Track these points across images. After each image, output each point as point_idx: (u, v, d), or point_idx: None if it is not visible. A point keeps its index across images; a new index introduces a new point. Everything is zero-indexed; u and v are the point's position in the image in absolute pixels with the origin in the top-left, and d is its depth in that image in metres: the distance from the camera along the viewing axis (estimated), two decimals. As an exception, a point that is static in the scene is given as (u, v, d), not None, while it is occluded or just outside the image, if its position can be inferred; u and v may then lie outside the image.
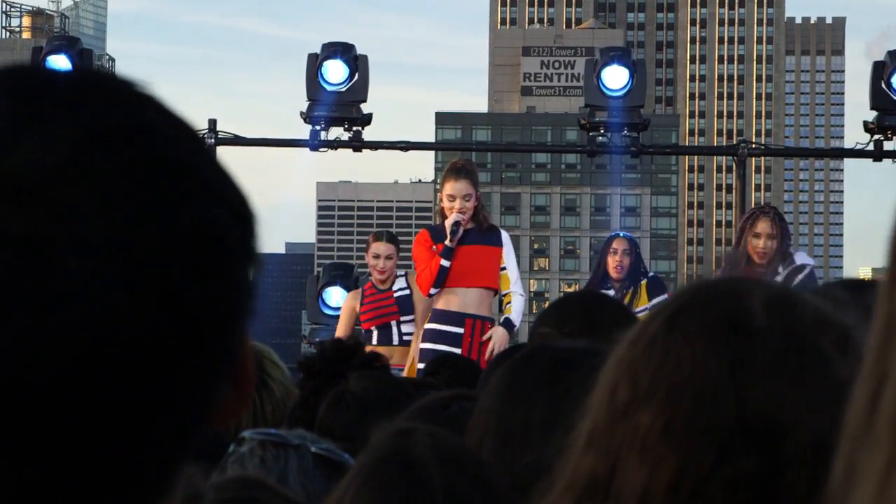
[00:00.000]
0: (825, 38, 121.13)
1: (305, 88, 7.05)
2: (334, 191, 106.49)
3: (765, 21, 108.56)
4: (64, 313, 0.39)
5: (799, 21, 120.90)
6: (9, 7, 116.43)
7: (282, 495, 0.97)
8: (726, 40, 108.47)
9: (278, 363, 1.85)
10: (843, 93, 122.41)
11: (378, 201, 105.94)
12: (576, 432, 0.73)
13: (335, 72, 6.98)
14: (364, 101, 7.04)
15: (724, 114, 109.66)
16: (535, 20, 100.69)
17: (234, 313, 0.43)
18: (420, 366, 4.28)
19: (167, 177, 0.41)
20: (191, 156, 0.43)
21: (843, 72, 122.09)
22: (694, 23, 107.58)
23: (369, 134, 7.18)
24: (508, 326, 4.52)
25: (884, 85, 6.83)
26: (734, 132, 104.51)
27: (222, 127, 7.12)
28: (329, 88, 6.99)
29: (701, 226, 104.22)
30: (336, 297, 6.83)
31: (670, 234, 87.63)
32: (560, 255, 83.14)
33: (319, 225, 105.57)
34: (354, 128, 7.09)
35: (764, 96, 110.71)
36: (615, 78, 6.92)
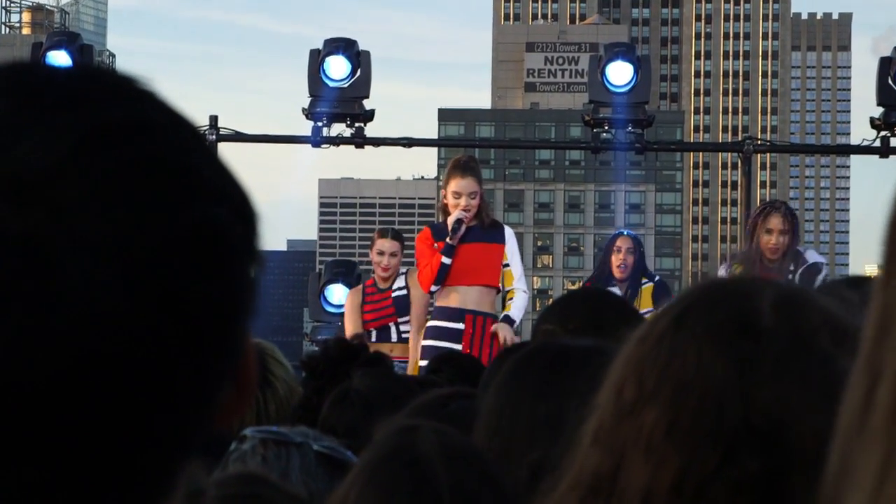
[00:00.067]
0: (831, 34, 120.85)
1: (307, 84, 7.02)
2: (336, 188, 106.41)
3: (770, 16, 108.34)
4: (64, 313, 0.39)
5: (805, 17, 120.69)
6: (8, 3, 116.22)
7: (284, 491, 0.96)
8: (731, 36, 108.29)
9: (282, 361, 1.83)
10: (849, 89, 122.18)
11: (380, 198, 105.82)
12: (582, 430, 0.72)
13: (337, 68, 6.94)
14: (366, 97, 7.00)
15: (730, 110, 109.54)
16: (539, 15, 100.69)
17: (235, 312, 0.42)
18: (423, 363, 4.26)
19: (168, 176, 0.41)
20: (191, 154, 0.42)
21: (849, 68, 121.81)
22: (699, 18, 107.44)
23: (371, 130, 7.16)
24: (508, 323, 4.49)
25: (891, 81, 6.77)
26: (739, 129, 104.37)
27: (224, 123, 7.09)
28: (331, 84, 6.96)
29: (706, 223, 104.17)
30: (338, 294, 6.81)
31: (675, 232, 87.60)
32: (564, 253, 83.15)
33: (321, 222, 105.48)
34: (357, 124, 7.06)
35: (770, 92, 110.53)
36: (619, 74, 6.87)
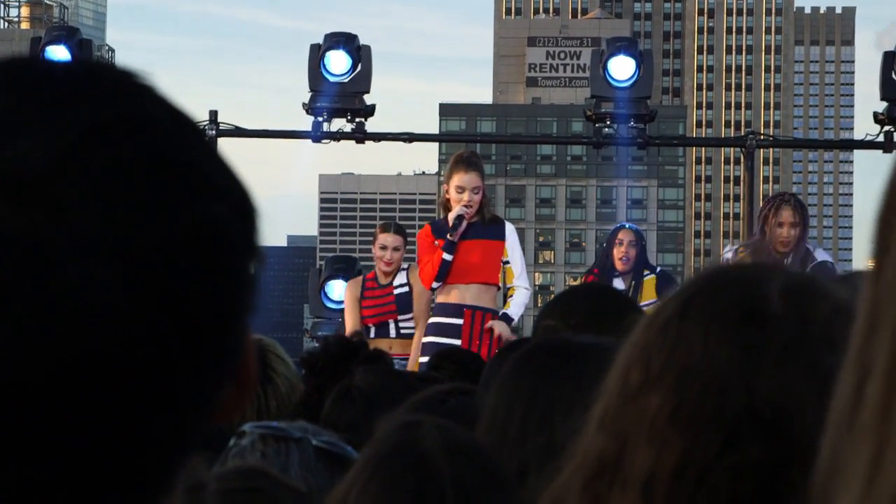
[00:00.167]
0: (835, 28, 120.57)
1: (308, 79, 6.99)
2: (337, 183, 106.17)
3: (773, 10, 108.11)
4: (64, 312, 0.38)
5: (808, 11, 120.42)
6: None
7: (285, 484, 0.95)
8: (734, 30, 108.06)
9: (284, 358, 1.82)
10: (852, 83, 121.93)
11: (381, 193, 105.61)
12: (589, 414, 0.72)
13: (338, 62, 6.92)
14: (367, 91, 6.98)
15: (732, 105, 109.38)
16: (541, 10, 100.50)
17: (235, 309, 0.42)
18: (423, 359, 4.24)
19: (168, 173, 0.41)
20: (191, 150, 0.42)
21: (852, 62, 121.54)
22: (702, 12, 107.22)
23: (372, 125, 7.13)
24: (506, 320, 4.48)
25: (894, 75, 6.73)
26: (742, 123, 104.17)
27: (223, 118, 7.06)
28: (332, 79, 6.93)
29: (708, 218, 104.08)
30: (338, 290, 6.79)
31: (677, 227, 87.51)
32: (565, 248, 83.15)
33: (322, 218, 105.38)
34: (357, 119, 7.03)
35: (773, 87, 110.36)
36: (622, 68, 6.84)
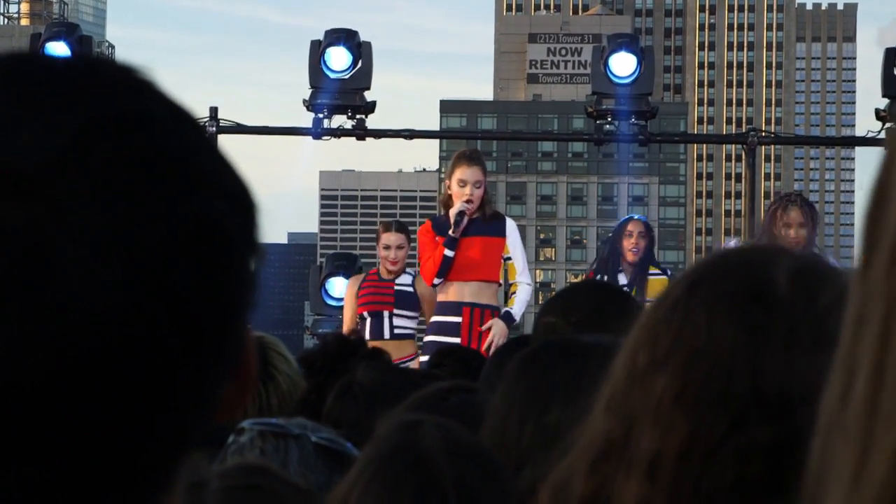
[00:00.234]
0: (836, 25, 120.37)
1: (308, 76, 6.97)
2: (337, 180, 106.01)
3: (775, 7, 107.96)
4: (63, 308, 0.38)
5: (810, 7, 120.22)
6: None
7: (286, 482, 0.95)
8: (736, 27, 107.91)
9: (286, 355, 1.81)
10: (854, 80, 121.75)
11: (382, 190, 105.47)
12: (596, 396, 0.72)
13: (338, 59, 6.90)
14: (367, 88, 6.96)
15: (734, 102, 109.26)
16: (542, 6, 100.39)
17: (235, 306, 0.42)
18: (424, 358, 4.23)
19: (167, 169, 0.41)
20: (191, 146, 0.42)
21: (854, 59, 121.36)
22: (703, 9, 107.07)
23: (373, 122, 7.11)
24: (508, 319, 4.46)
25: (896, 72, 6.71)
26: (743, 120, 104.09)
27: (224, 115, 7.04)
28: (332, 76, 6.91)
29: (709, 215, 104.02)
30: (339, 287, 6.78)
31: (678, 224, 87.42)
32: (566, 245, 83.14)
33: (322, 214, 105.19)
34: (358, 116, 7.02)
35: (774, 84, 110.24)
36: (623, 65, 6.82)
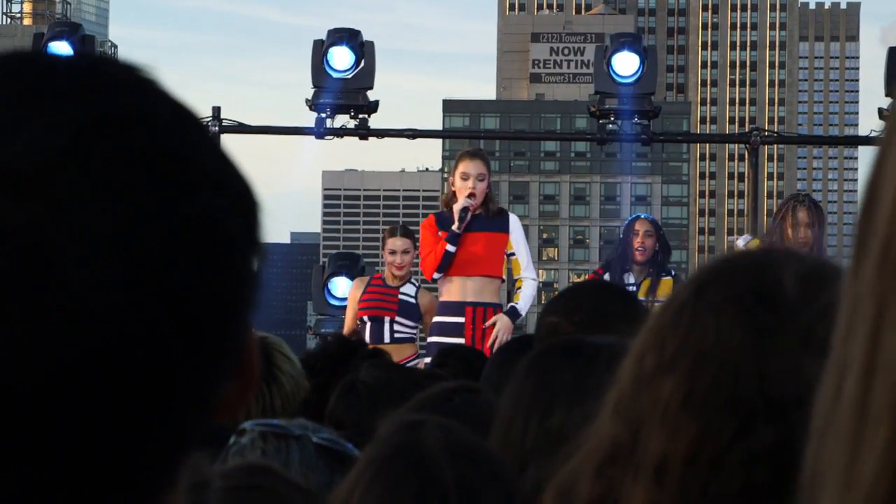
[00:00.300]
0: (839, 24, 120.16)
1: (311, 75, 6.97)
2: (340, 180, 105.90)
3: (778, 6, 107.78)
4: (63, 308, 0.38)
5: (813, 6, 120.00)
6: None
7: (289, 482, 0.95)
8: (738, 26, 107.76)
9: (289, 356, 1.81)
10: (857, 80, 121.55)
11: (384, 190, 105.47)
12: (604, 399, 0.72)
13: (341, 58, 6.89)
14: (370, 88, 6.96)
15: (737, 101, 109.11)
16: (545, 6, 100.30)
17: (236, 306, 0.42)
18: (428, 360, 4.22)
19: (168, 167, 0.40)
20: (193, 144, 0.42)
21: (857, 58, 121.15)
22: (706, 8, 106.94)
23: (375, 122, 7.11)
24: (513, 315, 4.44)
25: (900, 71, 6.69)
26: (746, 120, 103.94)
27: (226, 114, 7.05)
28: (335, 75, 6.90)
29: (712, 215, 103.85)
30: (342, 287, 6.77)
31: (681, 224, 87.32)
32: (569, 245, 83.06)
33: (325, 214, 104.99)
34: (360, 115, 7.01)
35: (777, 83, 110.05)
36: (625, 64, 6.81)
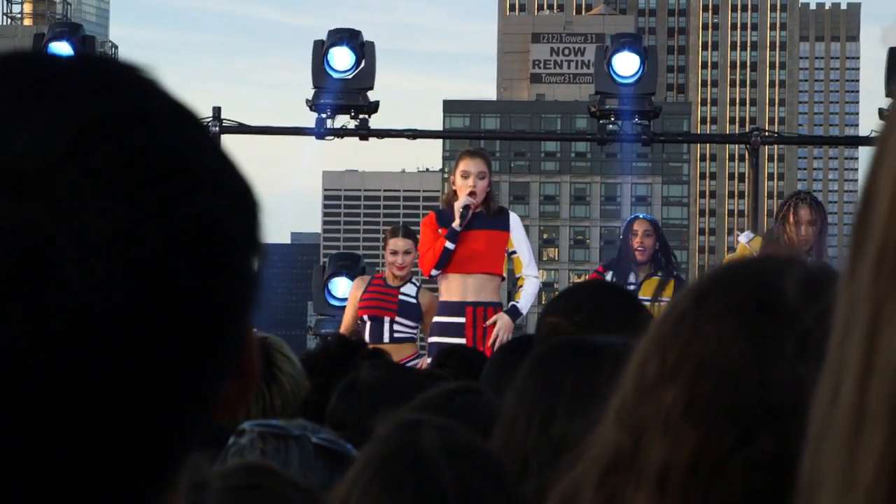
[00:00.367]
0: (840, 24, 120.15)
1: (311, 76, 6.97)
2: (340, 180, 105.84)
3: (778, 7, 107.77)
4: (63, 308, 0.38)
5: (813, 7, 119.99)
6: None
7: (289, 481, 0.95)
8: (739, 26, 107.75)
9: (289, 356, 1.81)
10: (857, 80, 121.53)
11: (385, 191, 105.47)
12: (606, 407, 0.72)
13: (341, 59, 6.89)
14: (371, 88, 6.96)
15: (737, 101, 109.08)
16: (545, 6, 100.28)
17: (237, 306, 0.42)
18: (429, 360, 4.21)
19: (169, 167, 0.40)
20: (193, 144, 0.42)
21: (858, 58, 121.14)
22: (706, 8, 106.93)
23: (376, 122, 7.12)
24: (514, 314, 4.44)
25: (900, 71, 6.68)
26: (747, 120, 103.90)
27: (227, 115, 7.03)
28: (335, 76, 6.90)
29: (713, 215, 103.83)
30: (342, 287, 6.77)
31: (682, 224, 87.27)
32: (570, 245, 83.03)
33: (325, 215, 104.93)
34: (361, 116, 7.01)
35: (777, 83, 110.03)
36: (626, 65, 6.81)
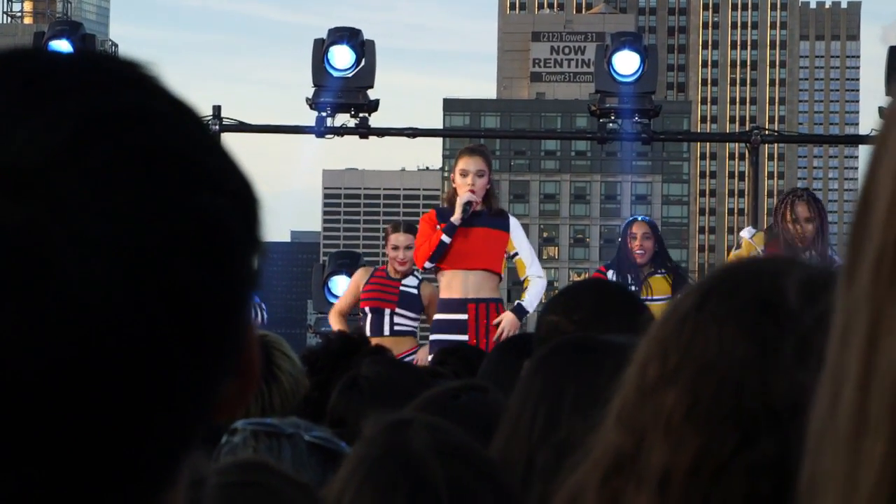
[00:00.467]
0: (840, 23, 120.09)
1: (311, 74, 6.97)
2: (340, 178, 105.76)
3: (779, 5, 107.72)
4: (62, 307, 0.38)
5: (813, 6, 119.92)
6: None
7: (285, 477, 0.95)
8: (739, 25, 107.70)
9: (289, 354, 1.81)
10: (858, 79, 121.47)
11: (385, 189, 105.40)
12: (607, 409, 0.72)
13: (341, 57, 6.90)
14: (371, 87, 6.96)
15: (737, 100, 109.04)
16: (545, 5, 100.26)
17: (236, 304, 0.42)
18: (430, 357, 4.22)
19: (169, 165, 0.40)
20: (193, 142, 0.42)
21: (858, 57, 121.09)
22: (706, 7, 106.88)
23: (376, 120, 7.12)
24: (520, 312, 4.44)
25: (901, 70, 6.68)
26: (747, 119, 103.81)
27: (227, 113, 7.05)
28: (335, 74, 6.90)
29: (713, 214, 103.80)
30: (342, 285, 6.77)
31: (682, 223, 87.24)
32: (570, 244, 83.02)
33: (325, 213, 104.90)
34: (361, 114, 7.01)
35: (777, 82, 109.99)
36: (626, 63, 6.81)
